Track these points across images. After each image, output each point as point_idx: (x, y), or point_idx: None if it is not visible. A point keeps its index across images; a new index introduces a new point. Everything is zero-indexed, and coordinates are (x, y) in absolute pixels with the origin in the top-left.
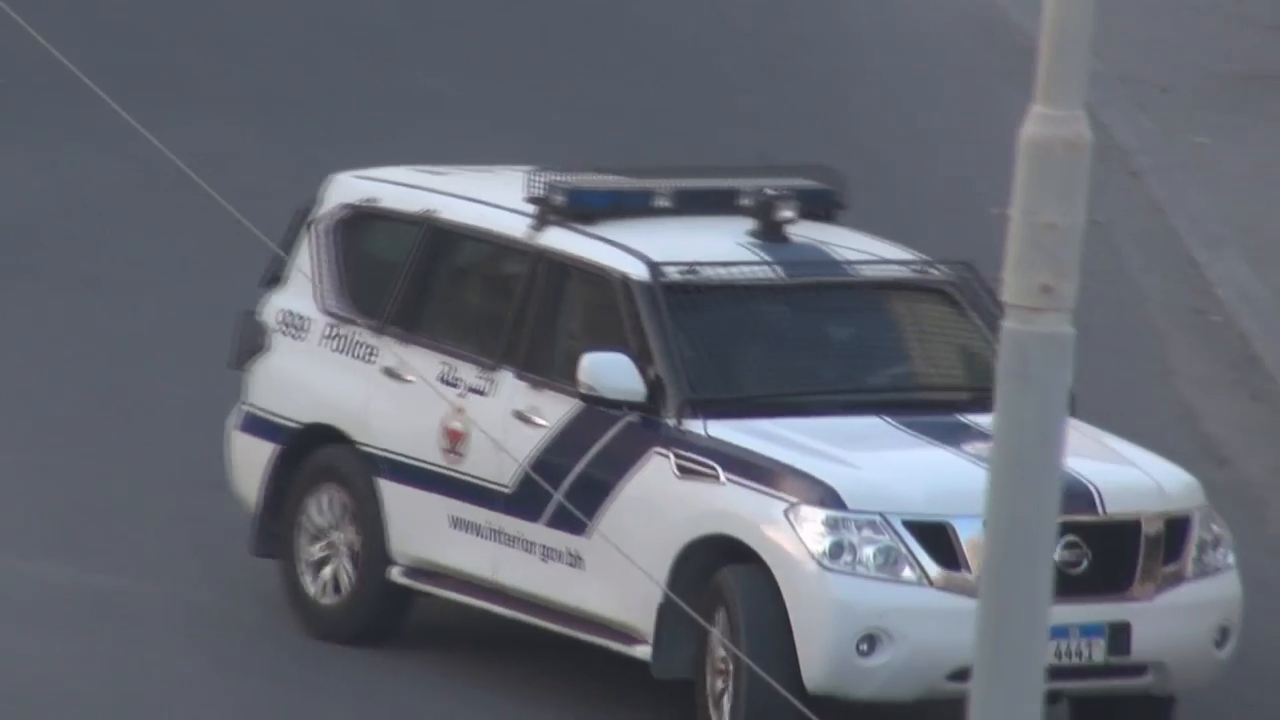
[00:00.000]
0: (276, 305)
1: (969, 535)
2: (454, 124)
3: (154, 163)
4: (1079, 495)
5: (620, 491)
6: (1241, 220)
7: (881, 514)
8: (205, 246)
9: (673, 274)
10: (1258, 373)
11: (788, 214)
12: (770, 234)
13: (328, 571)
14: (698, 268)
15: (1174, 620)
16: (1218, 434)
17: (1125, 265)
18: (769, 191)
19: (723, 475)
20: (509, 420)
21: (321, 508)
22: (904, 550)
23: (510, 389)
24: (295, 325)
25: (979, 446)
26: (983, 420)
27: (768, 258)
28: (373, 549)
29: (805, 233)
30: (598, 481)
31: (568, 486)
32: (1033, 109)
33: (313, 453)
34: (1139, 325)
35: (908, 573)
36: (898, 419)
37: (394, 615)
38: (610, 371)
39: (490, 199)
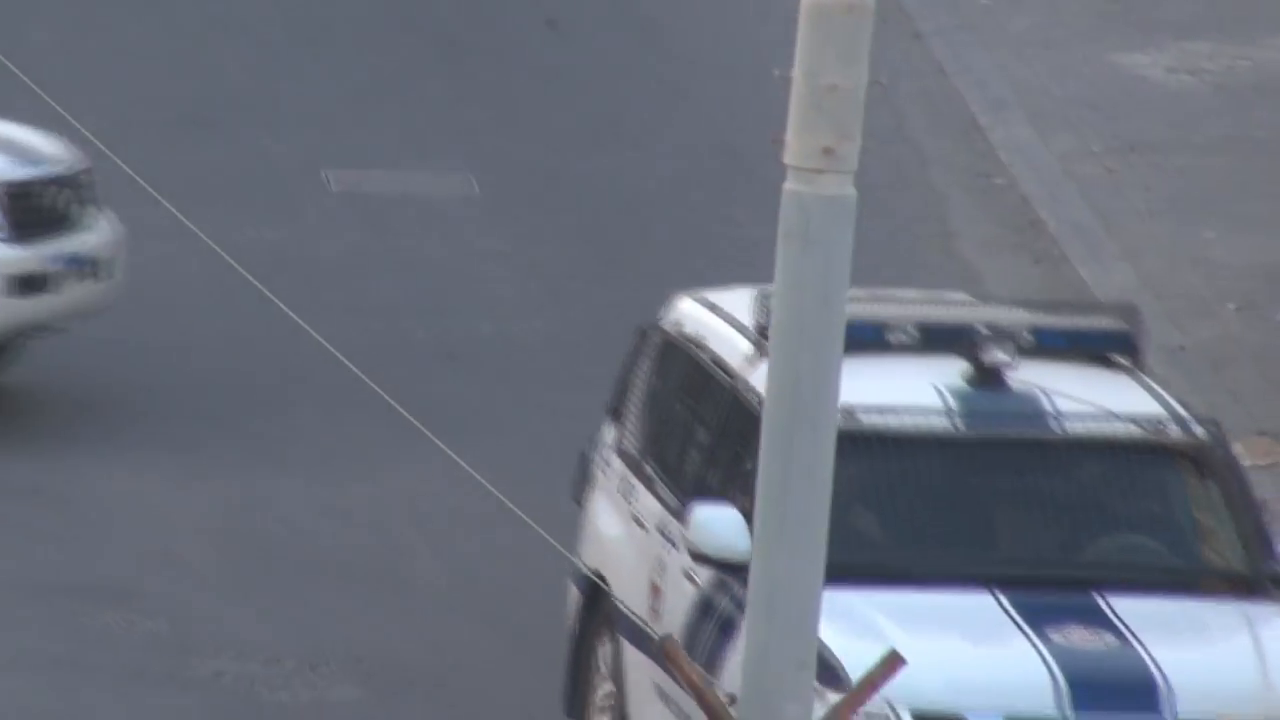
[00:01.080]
0: (603, 438)
1: None
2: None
3: None
4: (1136, 689)
5: (724, 664)
6: (1024, 83)
7: (889, 701)
8: None
9: None
10: (1041, 236)
11: (1001, 357)
12: (983, 378)
13: None
14: (856, 414)
15: None
16: (1001, 297)
17: (907, 128)
18: (981, 330)
19: None
20: (679, 577)
21: (602, 664)
22: None
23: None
24: (606, 460)
25: (1076, 634)
26: (1128, 604)
27: (955, 406)
28: (620, 715)
29: (1037, 379)
30: (712, 652)
31: (703, 655)
32: None
33: (599, 602)
34: (921, 188)
35: None
36: (1014, 596)
37: None
38: (715, 527)
39: (750, 324)
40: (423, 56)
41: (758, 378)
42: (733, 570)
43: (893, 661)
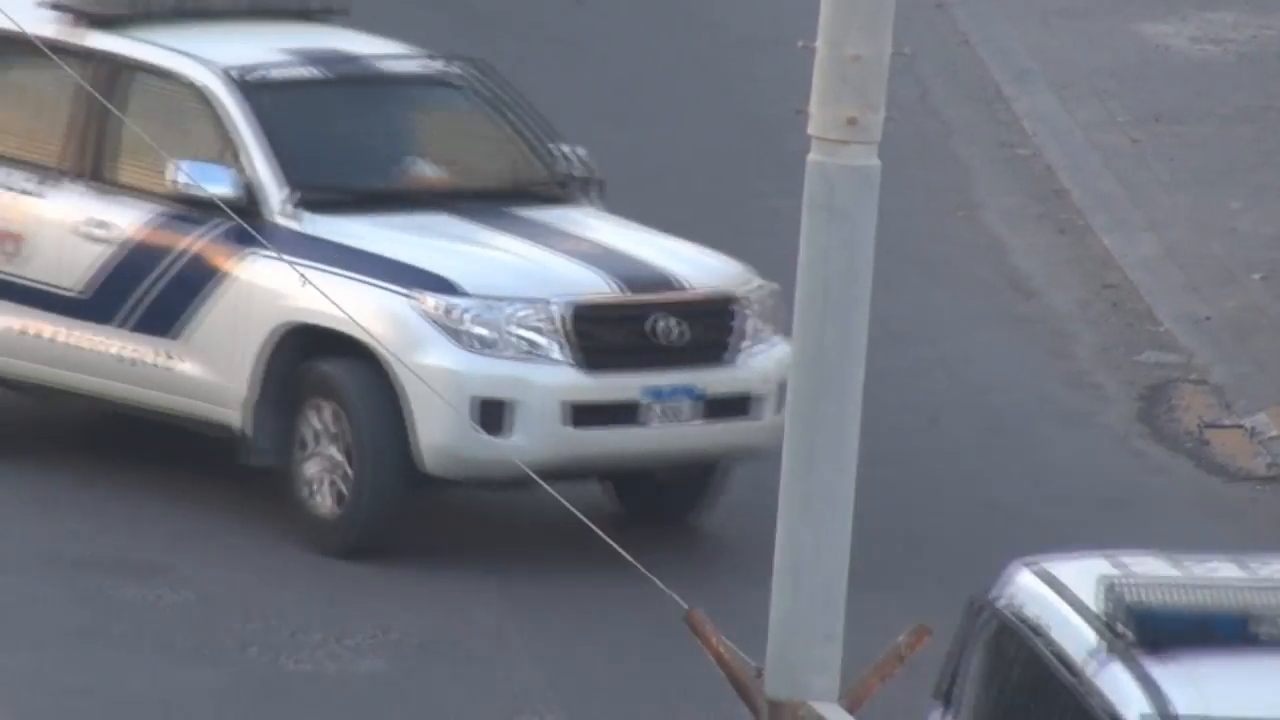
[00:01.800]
0: None
1: None
2: None
3: None
4: None
5: None
6: (1048, 53)
7: None
8: None
9: None
10: (1064, 206)
11: None
12: None
13: None
14: None
15: None
16: (1024, 267)
17: (931, 98)
18: None
19: None
20: None
21: None
22: None
23: None
24: None
25: None
26: None
27: None
28: None
29: None
30: None
31: None
32: None
33: None
34: (945, 158)
35: None
36: None
37: None
38: None
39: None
40: (446, 30)
41: (1106, 680)
42: None
43: (920, 633)
